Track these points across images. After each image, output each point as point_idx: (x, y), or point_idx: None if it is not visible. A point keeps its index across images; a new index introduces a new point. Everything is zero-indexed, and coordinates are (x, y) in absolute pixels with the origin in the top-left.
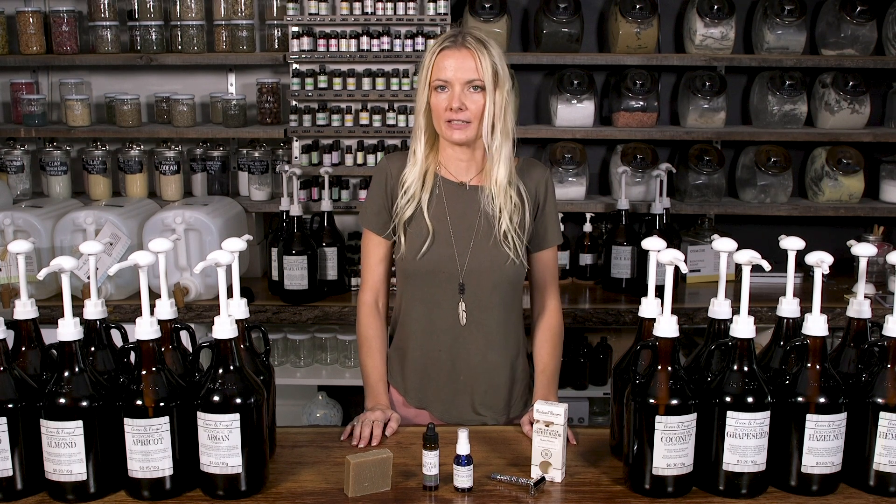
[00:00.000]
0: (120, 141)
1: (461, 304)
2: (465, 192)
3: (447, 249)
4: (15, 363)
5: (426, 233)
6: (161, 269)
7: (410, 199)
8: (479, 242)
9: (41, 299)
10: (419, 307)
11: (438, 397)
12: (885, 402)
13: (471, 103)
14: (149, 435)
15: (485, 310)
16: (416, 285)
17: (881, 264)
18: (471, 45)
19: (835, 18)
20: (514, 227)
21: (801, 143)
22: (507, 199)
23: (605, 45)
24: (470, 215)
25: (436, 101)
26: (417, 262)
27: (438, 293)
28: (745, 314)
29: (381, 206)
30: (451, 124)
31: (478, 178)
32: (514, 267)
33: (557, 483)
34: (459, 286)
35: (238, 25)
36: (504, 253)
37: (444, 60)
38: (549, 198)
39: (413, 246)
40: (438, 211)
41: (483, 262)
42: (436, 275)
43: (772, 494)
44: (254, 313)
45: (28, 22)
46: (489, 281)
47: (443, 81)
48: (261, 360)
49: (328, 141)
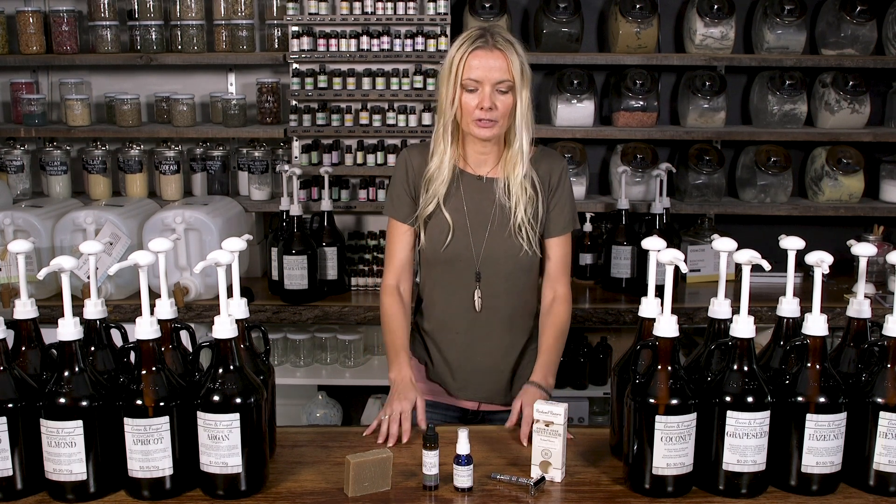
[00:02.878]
0: (120, 141)
1: (477, 292)
2: (483, 185)
3: (464, 239)
4: (15, 363)
5: (447, 227)
6: (161, 268)
7: (431, 196)
8: (495, 233)
9: (41, 299)
10: (438, 292)
11: (455, 376)
12: (885, 401)
13: (500, 103)
14: (149, 435)
15: (499, 297)
16: (435, 272)
17: (881, 264)
18: (501, 45)
19: (835, 18)
20: (528, 218)
21: (801, 143)
22: (523, 192)
23: (605, 44)
24: (486, 207)
25: (466, 101)
26: (440, 254)
27: (456, 280)
28: (745, 314)
29: (404, 196)
30: (479, 122)
31: (494, 170)
32: (528, 257)
33: (557, 483)
34: (476, 274)
35: (238, 25)
36: (518, 244)
37: (475, 60)
38: (563, 186)
39: (434, 239)
40: (457, 203)
41: (498, 252)
42: (454, 264)
43: (772, 494)
44: (254, 313)
45: (28, 22)
46: (504, 270)
47: (474, 81)
48: (261, 359)
49: (328, 141)
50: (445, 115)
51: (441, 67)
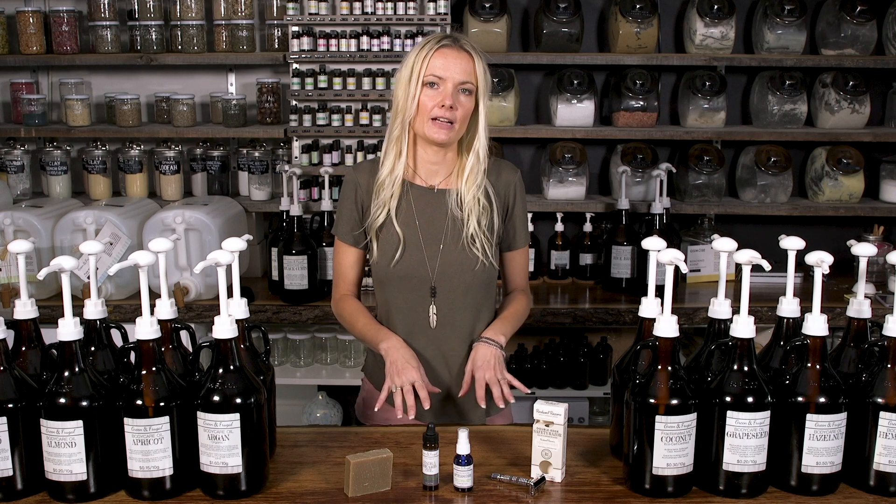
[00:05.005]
0: (120, 141)
1: (432, 308)
2: (434, 196)
3: (417, 254)
4: (15, 363)
5: (397, 241)
6: (161, 268)
7: (381, 206)
8: (448, 246)
9: (41, 299)
10: (394, 311)
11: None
12: (885, 401)
13: (460, 105)
14: (149, 435)
15: (457, 312)
16: (390, 290)
17: (881, 264)
18: (467, 48)
19: (835, 18)
20: (482, 229)
21: (801, 143)
22: (476, 203)
23: (605, 44)
24: (438, 219)
25: (424, 98)
26: (391, 269)
27: (411, 297)
28: (745, 314)
29: (352, 217)
30: (435, 122)
31: (446, 181)
32: (485, 269)
33: (557, 483)
34: (431, 290)
35: (238, 25)
36: (473, 256)
37: (440, 59)
38: (519, 200)
39: (385, 254)
40: (408, 217)
41: (453, 265)
42: (408, 280)
43: (772, 494)
44: (254, 313)
45: (28, 22)
46: (461, 284)
47: (437, 78)
48: (261, 359)
49: (328, 141)
50: (401, 117)
51: (399, 70)
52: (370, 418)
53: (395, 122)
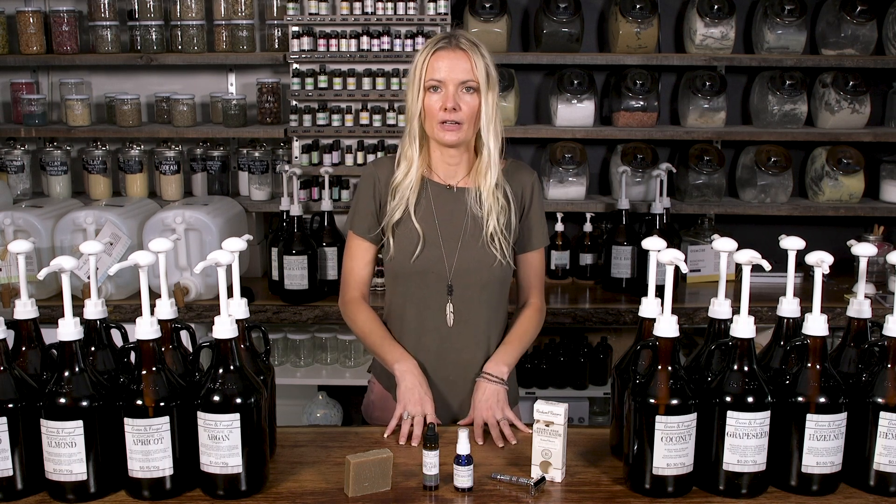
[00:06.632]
0: (120, 141)
1: (449, 306)
2: (453, 195)
3: (435, 251)
4: (15, 363)
5: (416, 237)
6: (161, 268)
7: (399, 202)
8: (467, 244)
9: (41, 299)
10: (408, 308)
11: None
12: (885, 401)
13: (464, 104)
14: (149, 435)
15: (473, 310)
16: (405, 286)
17: (881, 264)
18: (465, 45)
19: (835, 18)
20: (500, 228)
21: (801, 143)
22: (495, 201)
23: (605, 44)
24: (457, 217)
25: (429, 103)
26: (410, 264)
27: (427, 294)
28: (745, 314)
29: (369, 211)
30: (443, 125)
31: (465, 180)
32: (502, 268)
33: (557, 483)
34: (448, 287)
35: (238, 25)
36: (491, 254)
37: (438, 61)
38: (536, 200)
39: (403, 249)
40: (427, 214)
41: (471, 263)
42: (425, 276)
43: (772, 494)
44: (254, 313)
45: (28, 22)
46: (477, 282)
47: (437, 82)
48: (261, 359)
49: (328, 141)
50: (412, 122)
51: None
52: (378, 420)
53: (408, 128)
